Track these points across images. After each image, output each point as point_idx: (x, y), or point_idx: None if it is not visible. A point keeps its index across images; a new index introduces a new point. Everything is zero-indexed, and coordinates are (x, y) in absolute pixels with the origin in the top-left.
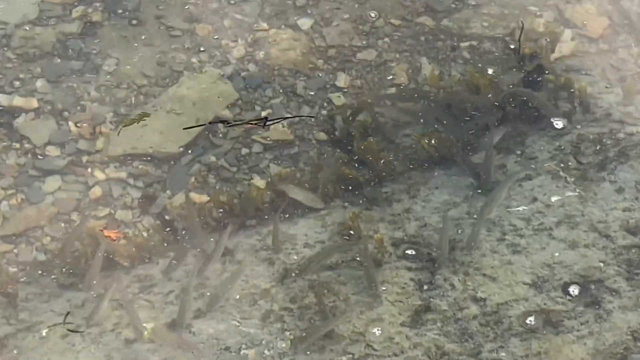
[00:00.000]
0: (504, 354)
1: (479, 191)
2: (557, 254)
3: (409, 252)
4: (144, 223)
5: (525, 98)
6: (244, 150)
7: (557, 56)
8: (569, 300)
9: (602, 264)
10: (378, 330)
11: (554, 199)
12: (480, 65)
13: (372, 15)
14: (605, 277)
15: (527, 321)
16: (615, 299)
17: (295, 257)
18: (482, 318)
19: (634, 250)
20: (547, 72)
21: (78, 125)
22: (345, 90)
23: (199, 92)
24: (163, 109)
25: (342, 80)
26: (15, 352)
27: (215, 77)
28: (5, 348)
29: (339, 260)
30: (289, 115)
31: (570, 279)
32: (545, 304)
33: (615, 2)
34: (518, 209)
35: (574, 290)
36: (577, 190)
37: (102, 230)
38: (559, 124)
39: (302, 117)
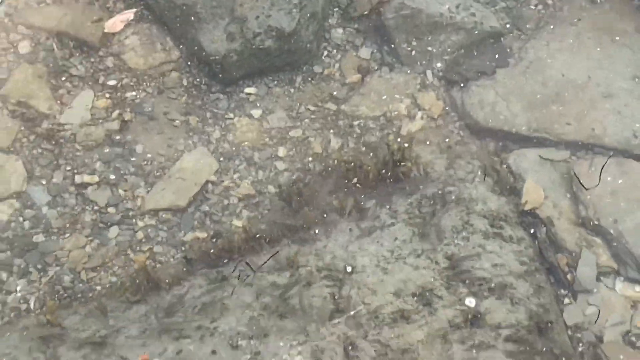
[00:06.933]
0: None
1: None
2: (408, 274)
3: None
4: (171, 254)
5: None
6: (225, 202)
7: (411, 130)
8: (416, 302)
9: (432, 279)
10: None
11: None
12: (365, 139)
13: (297, 105)
14: (434, 287)
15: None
16: (440, 301)
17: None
18: (367, 315)
19: (451, 271)
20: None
21: (124, 191)
22: (284, 158)
23: (194, 164)
24: (174, 177)
25: (281, 151)
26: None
27: (203, 153)
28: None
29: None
30: (272, 254)
31: (415, 290)
32: (401, 305)
33: (448, 92)
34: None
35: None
36: None
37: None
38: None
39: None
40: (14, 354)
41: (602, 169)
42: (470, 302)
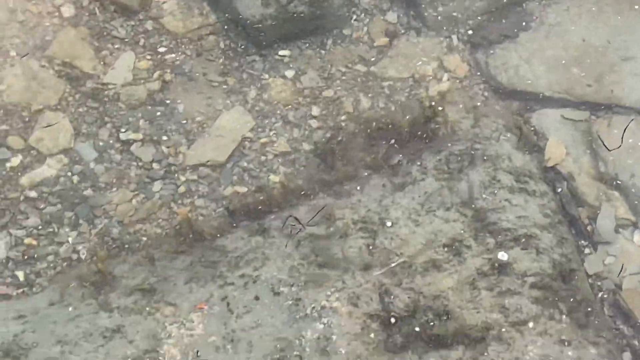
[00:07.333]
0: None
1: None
2: (438, 226)
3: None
4: (212, 207)
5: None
6: (263, 158)
7: (439, 90)
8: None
9: (462, 231)
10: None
11: None
12: (393, 100)
13: (328, 66)
14: (463, 238)
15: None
16: (468, 251)
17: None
18: (402, 264)
19: (479, 223)
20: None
21: (167, 148)
22: (318, 117)
23: (232, 122)
24: (213, 135)
25: (315, 110)
26: None
27: (240, 111)
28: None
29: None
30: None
31: (445, 241)
32: (433, 255)
33: (472, 55)
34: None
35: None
36: None
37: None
38: None
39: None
40: (68, 300)
41: (624, 131)
42: (503, 256)
